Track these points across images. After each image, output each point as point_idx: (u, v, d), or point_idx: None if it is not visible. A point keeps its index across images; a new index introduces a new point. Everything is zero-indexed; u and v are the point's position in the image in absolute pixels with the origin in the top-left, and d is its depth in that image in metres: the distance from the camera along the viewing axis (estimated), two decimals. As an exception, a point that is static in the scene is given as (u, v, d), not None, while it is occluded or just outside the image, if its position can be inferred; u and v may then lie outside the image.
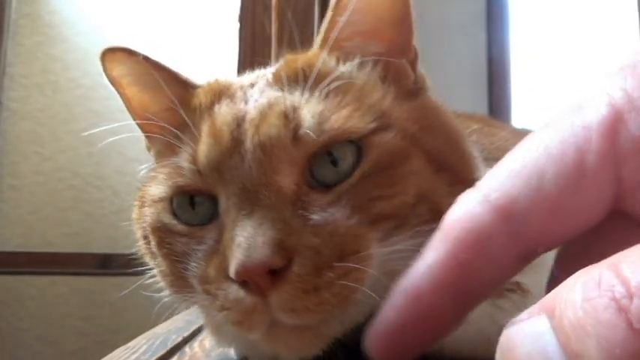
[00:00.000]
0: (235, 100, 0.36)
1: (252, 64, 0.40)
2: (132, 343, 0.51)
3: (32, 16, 2.05)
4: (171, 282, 0.36)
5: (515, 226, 0.21)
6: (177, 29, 1.99)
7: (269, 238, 0.28)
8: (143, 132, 0.41)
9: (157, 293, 0.39)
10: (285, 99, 0.33)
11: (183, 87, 0.40)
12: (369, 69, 0.36)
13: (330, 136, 0.31)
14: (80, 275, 1.91)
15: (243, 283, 0.29)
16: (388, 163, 0.32)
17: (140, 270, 0.40)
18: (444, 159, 0.33)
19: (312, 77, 0.34)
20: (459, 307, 0.22)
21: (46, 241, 1.93)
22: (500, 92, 1.95)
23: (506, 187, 0.21)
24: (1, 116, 1.97)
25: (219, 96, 0.37)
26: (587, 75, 1.83)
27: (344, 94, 0.33)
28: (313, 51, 0.37)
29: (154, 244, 0.36)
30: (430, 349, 0.23)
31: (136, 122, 0.42)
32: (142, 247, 0.39)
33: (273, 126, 0.32)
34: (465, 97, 1.87)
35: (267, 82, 0.36)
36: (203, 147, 0.33)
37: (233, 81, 0.40)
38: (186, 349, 0.47)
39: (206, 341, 0.47)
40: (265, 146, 0.31)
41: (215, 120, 0.34)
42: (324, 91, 0.33)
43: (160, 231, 0.35)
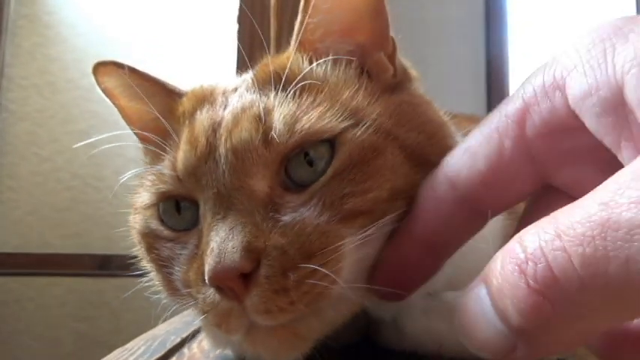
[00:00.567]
0: (216, 105, 0.36)
1: (250, 66, 0.39)
2: (130, 345, 0.51)
3: (30, 17, 2.05)
4: (163, 286, 0.37)
5: (460, 193, 0.27)
6: (176, 30, 1.99)
7: (238, 243, 0.29)
8: (140, 141, 0.42)
9: (155, 295, 0.39)
10: (258, 102, 0.34)
11: (170, 96, 0.41)
12: (344, 67, 0.36)
13: (301, 136, 0.32)
14: (78, 276, 1.90)
15: (218, 288, 0.30)
16: (360, 159, 0.32)
17: (138, 271, 0.40)
18: (424, 154, 0.33)
19: (283, 79, 0.34)
20: (431, 257, 0.30)
21: (44, 242, 1.93)
22: (498, 92, 1.95)
23: (456, 163, 0.28)
24: (0, 117, 1.97)
25: (202, 102, 0.37)
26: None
27: (317, 94, 0.34)
28: (287, 53, 0.38)
29: (143, 250, 0.37)
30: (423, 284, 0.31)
31: (133, 131, 0.43)
32: (138, 251, 0.40)
33: (244, 130, 0.32)
34: (464, 96, 1.87)
35: (246, 86, 0.37)
36: (180, 154, 0.34)
37: (217, 86, 0.40)
38: (185, 350, 0.47)
39: (204, 342, 0.47)
40: (237, 150, 0.32)
41: (193, 127, 0.35)
42: (296, 92, 0.33)
43: (148, 237, 0.36)
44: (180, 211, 0.35)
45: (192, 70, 1.82)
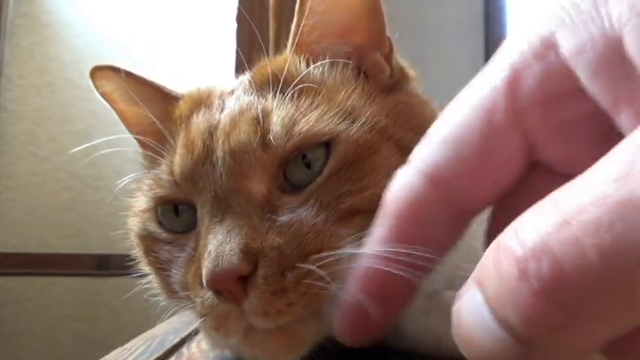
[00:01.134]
0: (212, 108, 0.36)
1: (249, 67, 0.39)
2: (129, 344, 0.51)
3: (29, 16, 2.05)
4: (161, 289, 0.37)
5: (446, 190, 0.22)
6: (175, 30, 1.99)
7: (235, 245, 0.29)
8: (140, 147, 0.43)
9: (154, 297, 0.39)
10: (256, 104, 0.34)
11: (167, 100, 0.41)
12: (341, 67, 0.36)
13: (300, 139, 0.32)
14: (77, 276, 1.90)
15: (217, 291, 0.29)
16: (355, 157, 0.31)
17: (137, 271, 0.40)
18: None
19: (281, 81, 0.34)
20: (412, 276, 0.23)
21: (43, 242, 1.93)
22: (497, 93, 1.95)
23: (433, 156, 0.22)
24: (-2, 117, 1.97)
25: (198, 105, 0.37)
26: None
27: (314, 96, 0.34)
28: (284, 55, 0.38)
29: (141, 252, 0.37)
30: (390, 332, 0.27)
31: (133, 136, 0.43)
32: (137, 254, 0.40)
33: (243, 132, 0.32)
34: (463, 97, 1.87)
35: (244, 88, 0.37)
36: (177, 158, 0.34)
37: (214, 89, 0.40)
38: (184, 349, 0.47)
39: (203, 342, 0.47)
40: (235, 153, 0.32)
41: (189, 131, 0.35)
42: (294, 94, 0.33)
43: (146, 239, 0.36)
44: (179, 214, 0.35)
45: (191, 70, 1.82)
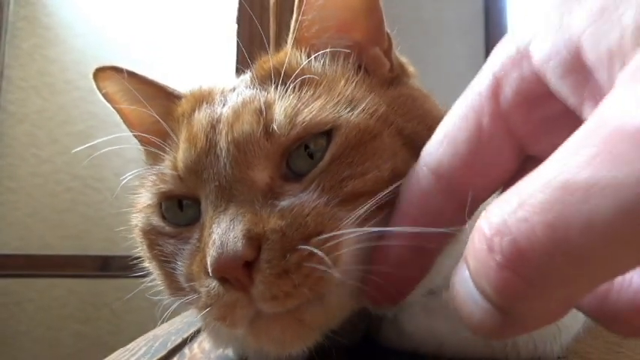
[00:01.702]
0: (214, 104, 0.37)
1: (250, 66, 0.40)
2: (131, 345, 0.51)
3: (29, 18, 2.05)
4: (165, 284, 0.37)
5: (446, 183, 0.26)
6: (175, 31, 1.99)
7: (239, 232, 0.29)
8: (140, 144, 0.43)
9: (156, 297, 0.39)
10: (258, 96, 0.34)
11: (169, 98, 0.41)
12: (341, 61, 0.37)
13: (303, 128, 0.32)
14: (79, 278, 1.90)
15: (223, 279, 0.29)
16: (356, 141, 0.32)
17: (139, 272, 0.40)
18: (421, 141, 0.32)
19: (282, 74, 0.35)
20: (421, 258, 0.29)
21: (44, 244, 1.93)
22: (498, 92, 1.95)
23: (436, 152, 0.26)
24: (-1, 119, 1.97)
25: (200, 102, 0.38)
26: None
27: (316, 87, 0.34)
28: (284, 50, 0.38)
29: (145, 247, 0.37)
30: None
31: (133, 134, 0.43)
32: (140, 251, 0.40)
33: (246, 123, 0.33)
34: (463, 96, 1.87)
35: (246, 83, 0.37)
36: (180, 153, 0.34)
37: (216, 87, 0.40)
38: (186, 350, 0.47)
39: (205, 343, 0.47)
40: (239, 143, 0.32)
41: (192, 126, 0.35)
42: (296, 86, 0.34)
43: (150, 234, 0.36)
44: (183, 208, 0.35)
45: (191, 71, 1.82)
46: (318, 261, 0.28)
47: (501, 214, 0.18)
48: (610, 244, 0.16)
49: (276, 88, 0.34)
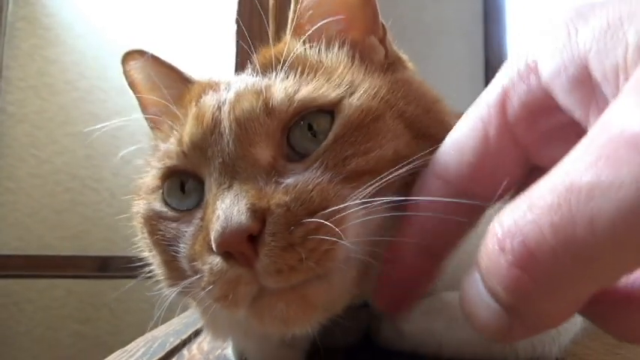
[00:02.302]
0: (220, 90, 0.38)
1: (250, 64, 0.40)
2: (130, 346, 0.51)
3: (29, 18, 2.05)
4: (165, 272, 0.36)
5: (453, 189, 0.27)
6: (175, 31, 1.99)
7: (243, 205, 0.29)
8: (150, 126, 0.44)
9: (155, 292, 0.39)
10: (259, 81, 0.36)
11: (184, 83, 0.43)
12: (337, 48, 0.38)
13: (301, 103, 0.33)
14: (78, 278, 1.90)
15: (227, 255, 0.29)
16: (359, 122, 0.32)
17: (138, 273, 0.40)
18: (423, 127, 0.34)
19: (282, 60, 0.36)
20: (431, 261, 0.29)
21: (43, 244, 1.93)
22: (497, 92, 1.95)
23: (444, 159, 0.28)
24: (-2, 119, 1.97)
25: (208, 89, 0.39)
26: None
27: (315, 72, 0.35)
28: (284, 40, 0.40)
29: (146, 234, 0.37)
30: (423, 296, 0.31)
31: (145, 117, 0.45)
32: (141, 240, 0.39)
33: (247, 101, 0.34)
34: (462, 97, 1.87)
35: (248, 72, 0.39)
36: (187, 129, 0.35)
37: (224, 79, 0.42)
38: (185, 351, 0.47)
39: (204, 344, 0.47)
40: (241, 120, 0.33)
41: (200, 106, 0.36)
42: (296, 72, 0.35)
43: (152, 219, 0.36)
44: (185, 191, 0.35)
45: (191, 71, 1.82)
46: (326, 232, 0.28)
47: (512, 217, 0.19)
48: (613, 242, 0.17)
49: (277, 74, 0.36)
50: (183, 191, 0.36)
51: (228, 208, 0.29)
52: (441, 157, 0.28)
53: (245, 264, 0.29)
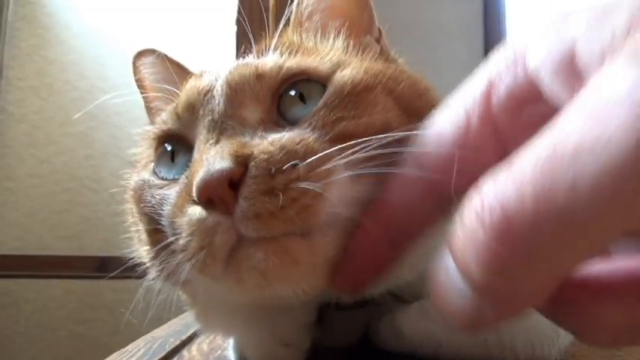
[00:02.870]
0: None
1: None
2: (129, 347, 0.51)
3: (28, 18, 2.05)
4: (148, 242, 0.35)
5: (427, 174, 0.26)
6: (175, 32, 1.99)
7: (226, 152, 0.29)
8: (149, 114, 0.46)
9: (156, 297, 0.39)
10: (254, 59, 0.37)
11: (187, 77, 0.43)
12: (332, 39, 0.39)
13: (290, 70, 0.34)
14: (76, 278, 1.90)
15: (208, 202, 0.28)
16: (351, 90, 0.32)
17: (136, 273, 0.40)
18: (415, 107, 0.33)
19: (276, 43, 0.37)
20: (393, 245, 0.28)
21: (42, 244, 1.93)
22: (496, 94, 1.95)
23: (423, 145, 0.27)
24: (-3, 119, 1.97)
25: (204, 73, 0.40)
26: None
27: (309, 54, 0.36)
28: (281, 32, 0.41)
29: (133, 205, 0.37)
30: (382, 281, 0.30)
31: (145, 103, 0.47)
32: (129, 213, 0.39)
33: (240, 68, 0.35)
34: (462, 98, 1.87)
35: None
36: (182, 94, 0.36)
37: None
38: (184, 352, 0.47)
39: (204, 344, 0.47)
40: (232, 84, 0.34)
41: (196, 78, 0.38)
42: (289, 52, 0.36)
43: (140, 189, 0.36)
44: (175, 162, 0.36)
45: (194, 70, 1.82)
46: (309, 182, 0.28)
47: (492, 187, 0.19)
48: (596, 205, 0.16)
49: (271, 53, 0.37)
50: (173, 161, 0.36)
51: (212, 156, 0.29)
52: (420, 143, 0.27)
53: (224, 210, 0.28)
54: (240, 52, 0.41)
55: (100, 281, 1.86)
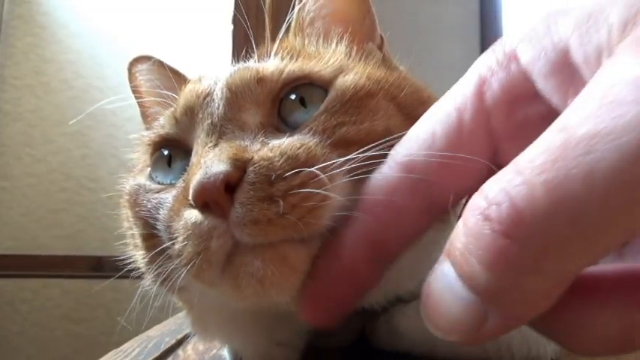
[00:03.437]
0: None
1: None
2: (125, 346, 0.51)
3: (24, 17, 2.04)
4: (144, 251, 0.35)
5: (416, 180, 0.24)
6: (172, 31, 1.99)
7: (225, 156, 0.28)
8: (145, 122, 0.45)
9: (152, 302, 0.39)
10: (255, 63, 0.37)
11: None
12: (335, 45, 0.39)
13: (292, 74, 0.33)
14: (73, 278, 1.90)
15: (204, 206, 0.28)
16: (353, 95, 0.32)
17: (134, 273, 0.40)
18: (415, 113, 0.32)
19: (278, 48, 0.37)
20: (375, 262, 0.25)
21: (38, 244, 1.92)
22: (493, 94, 1.96)
23: (410, 147, 0.25)
24: (-7, 118, 1.96)
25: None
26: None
27: (310, 59, 0.36)
28: (284, 39, 0.41)
29: (129, 210, 0.37)
30: (357, 308, 0.28)
31: (140, 110, 0.46)
32: (124, 218, 0.39)
33: (241, 72, 0.35)
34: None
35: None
36: (181, 98, 0.36)
37: None
38: (179, 351, 0.47)
39: (200, 344, 0.47)
40: (232, 87, 0.34)
41: (195, 82, 0.37)
42: (291, 57, 0.36)
43: (135, 193, 0.36)
44: (172, 167, 0.35)
45: (187, 71, 1.82)
46: (311, 187, 0.27)
47: (499, 185, 0.18)
48: (614, 197, 0.15)
49: (272, 58, 0.37)
50: (170, 166, 0.35)
51: (210, 159, 0.29)
52: (406, 145, 0.25)
53: (220, 214, 0.27)
54: (239, 54, 0.41)
55: (96, 281, 1.86)
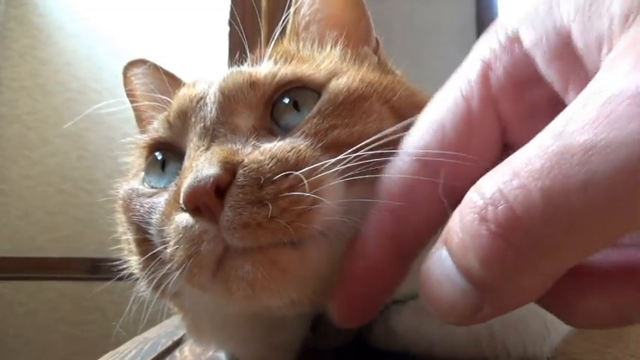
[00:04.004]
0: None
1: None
2: (121, 348, 0.51)
3: (21, 19, 2.04)
4: (138, 256, 0.35)
5: (432, 172, 0.24)
6: (168, 33, 1.99)
7: (215, 160, 0.28)
8: (140, 127, 0.45)
9: (147, 297, 0.39)
10: (248, 67, 0.37)
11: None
12: (330, 49, 0.39)
13: (284, 78, 0.33)
14: (70, 280, 1.89)
15: (195, 210, 0.28)
16: (345, 99, 0.32)
17: (130, 276, 0.40)
18: (408, 115, 0.32)
19: (271, 52, 0.37)
20: (400, 258, 0.25)
21: (35, 246, 1.92)
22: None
23: (422, 139, 0.25)
24: (-10, 120, 1.96)
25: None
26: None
27: (304, 62, 0.36)
28: (280, 44, 0.41)
29: (122, 215, 0.37)
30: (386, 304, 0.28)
31: (135, 114, 0.46)
32: (119, 222, 0.39)
33: (233, 76, 0.35)
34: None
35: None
36: (174, 102, 0.36)
37: None
38: (176, 353, 0.47)
39: (196, 346, 0.47)
40: (225, 91, 0.34)
41: (189, 86, 0.38)
42: (284, 60, 0.36)
43: (129, 198, 0.36)
44: (165, 171, 0.35)
45: (183, 72, 1.82)
46: (301, 191, 0.27)
47: (495, 184, 0.18)
48: (609, 204, 0.16)
49: (266, 62, 0.37)
50: (164, 170, 0.35)
51: (201, 163, 0.29)
52: (417, 138, 0.25)
53: (210, 217, 0.27)
54: (233, 56, 0.41)
55: (93, 283, 1.85)
